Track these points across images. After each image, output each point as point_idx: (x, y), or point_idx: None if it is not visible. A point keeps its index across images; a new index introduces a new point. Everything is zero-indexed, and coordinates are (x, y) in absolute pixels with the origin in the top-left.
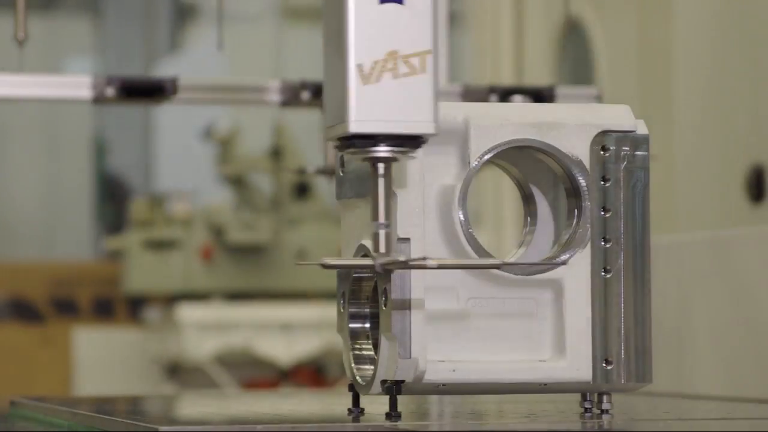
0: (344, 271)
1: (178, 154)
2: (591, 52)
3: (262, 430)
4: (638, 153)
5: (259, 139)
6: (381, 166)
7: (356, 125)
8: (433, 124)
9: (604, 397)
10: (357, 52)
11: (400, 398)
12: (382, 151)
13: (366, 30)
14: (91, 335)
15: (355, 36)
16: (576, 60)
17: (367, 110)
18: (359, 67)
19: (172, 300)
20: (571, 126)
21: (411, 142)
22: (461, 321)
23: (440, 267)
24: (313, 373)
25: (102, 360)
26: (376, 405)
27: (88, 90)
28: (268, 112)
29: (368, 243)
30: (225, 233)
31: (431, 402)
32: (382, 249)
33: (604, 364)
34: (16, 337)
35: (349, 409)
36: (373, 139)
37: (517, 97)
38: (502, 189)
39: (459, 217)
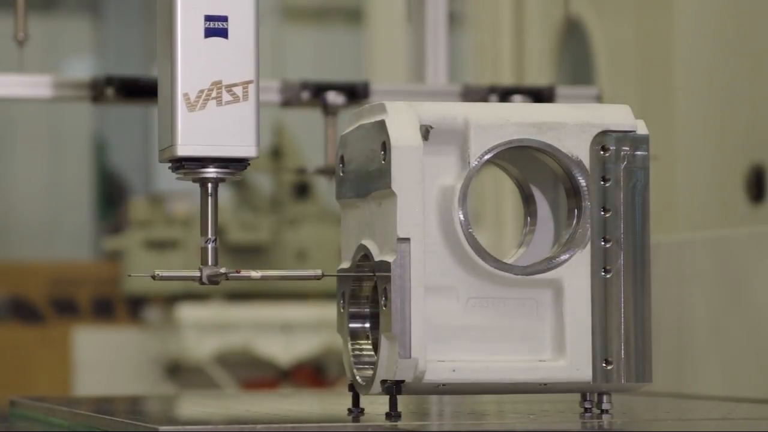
0: (344, 272)
1: None
2: (591, 52)
3: (262, 430)
4: (638, 153)
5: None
6: (209, 186)
7: (183, 149)
8: (254, 147)
9: (604, 397)
10: (183, 82)
11: (400, 398)
12: (210, 172)
13: (192, 61)
14: (91, 335)
15: (181, 67)
16: (576, 60)
17: (193, 135)
18: (185, 95)
19: (172, 300)
20: (571, 126)
21: (236, 164)
22: (461, 321)
23: (263, 278)
24: (313, 373)
25: (102, 360)
26: (376, 405)
27: (88, 90)
28: (268, 112)
29: (368, 243)
30: (225, 233)
31: (431, 402)
32: (210, 262)
33: (604, 364)
34: (16, 337)
35: (349, 409)
36: (202, 162)
37: (517, 97)
38: (502, 189)
39: (459, 217)
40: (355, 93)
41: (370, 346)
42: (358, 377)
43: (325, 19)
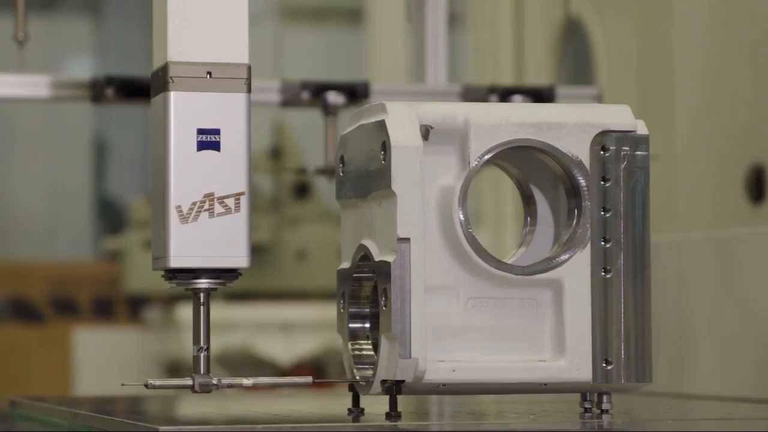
0: (344, 271)
1: None
2: (591, 52)
3: (262, 430)
4: (638, 153)
5: (259, 139)
6: (202, 296)
7: (175, 260)
8: (246, 258)
9: (604, 397)
10: (176, 195)
11: (400, 398)
12: (202, 283)
13: (184, 174)
14: (91, 335)
15: (174, 179)
16: (576, 60)
17: (185, 247)
18: (178, 207)
19: (172, 300)
20: (571, 126)
21: (227, 274)
22: (461, 321)
23: (255, 386)
24: (313, 373)
25: (102, 360)
26: (376, 405)
27: (88, 90)
28: (268, 112)
29: (368, 243)
30: None
31: (431, 402)
32: (202, 370)
33: (604, 364)
34: (16, 337)
35: (349, 409)
36: (194, 273)
37: (517, 97)
38: (502, 189)
39: (459, 217)
40: (355, 93)
41: (370, 346)
42: (358, 377)
43: (325, 19)
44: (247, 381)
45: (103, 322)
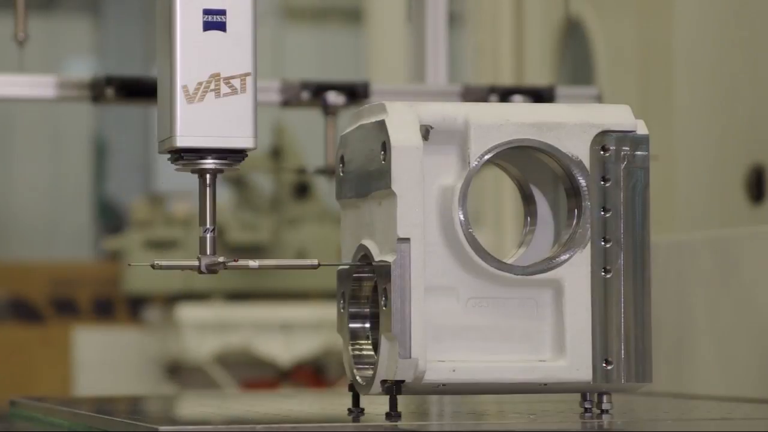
0: (344, 271)
1: None
2: (591, 52)
3: (262, 430)
4: (638, 153)
5: (259, 139)
6: (208, 177)
7: (182, 140)
8: (252, 138)
9: (604, 397)
10: (182, 75)
11: (400, 398)
12: (208, 163)
13: (191, 54)
14: (91, 335)
15: (180, 60)
16: (576, 60)
17: (192, 127)
18: (184, 87)
19: (172, 300)
20: (571, 126)
21: (234, 155)
22: (461, 321)
23: (261, 267)
24: (313, 373)
25: (102, 360)
26: (376, 405)
27: (88, 90)
28: (268, 112)
29: (368, 243)
30: (225, 233)
31: (431, 402)
32: (208, 251)
33: (604, 364)
34: (16, 337)
35: (349, 409)
36: (200, 153)
37: (517, 97)
38: (502, 189)
39: (459, 217)
40: (355, 93)
41: (370, 346)
42: (358, 377)
43: (325, 19)
44: (253, 263)
45: (103, 322)
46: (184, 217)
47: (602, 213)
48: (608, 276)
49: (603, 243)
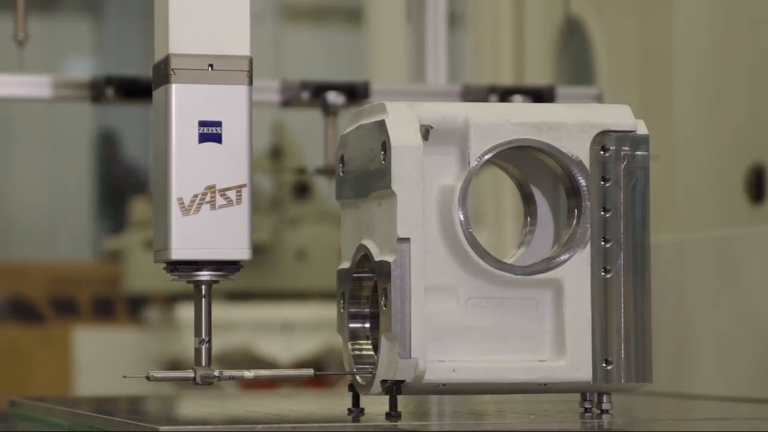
0: (344, 271)
1: None
2: (591, 52)
3: (262, 430)
4: (638, 153)
5: (259, 139)
6: (203, 288)
7: (177, 252)
8: (247, 250)
9: (604, 397)
10: (177, 186)
11: (400, 398)
12: (204, 275)
13: (186, 166)
14: (91, 335)
15: (175, 172)
16: (576, 60)
17: (187, 239)
18: (180, 200)
19: (172, 300)
20: (571, 126)
21: (229, 266)
22: (461, 321)
23: (256, 378)
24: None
25: (102, 360)
26: (376, 405)
27: (88, 90)
28: (268, 112)
29: (368, 243)
30: None
31: (431, 402)
32: (204, 363)
33: (604, 364)
34: (16, 337)
35: (349, 409)
36: (196, 265)
37: (517, 97)
38: (502, 189)
39: (459, 217)
40: (355, 93)
41: (370, 346)
42: (358, 377)
43: (325, 19)
44: (248, 373)
45: (103, 322)
46: None
47: (602, 213)
48: (608, 276)
49: (603, 243)
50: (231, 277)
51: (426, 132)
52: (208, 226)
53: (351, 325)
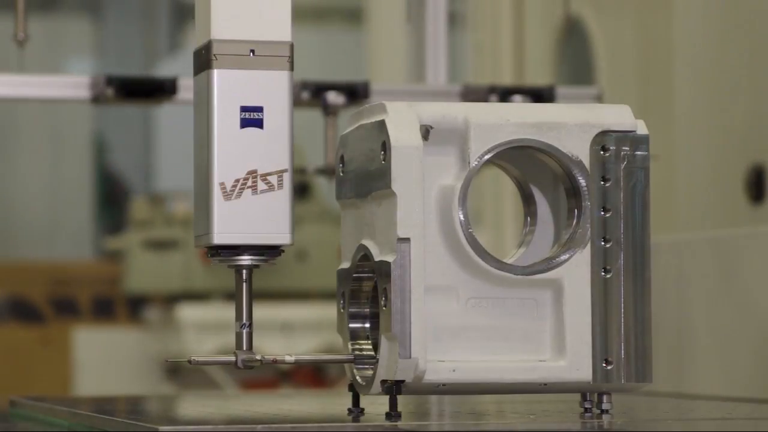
0: (344, 271)
1: (178, 154)
2: (591, 52)
3: (262, 430)
4: (638, 153)
5: None
6: (244, 272)
7: (219, 237)
8: (288, 235)
9: (604, 397)
10: (219, 172)
11: (400, 398)
12: (245, 259)
13: (228, 151)
14: (91, 335)
15: (217, 157)
16: (576, 60)
17: (229, 224)
18: (221, 185)
19: (172, 300)
20: (571, 126)
21: (270, 251)
22: (461, 321)
23: (297, 363)
24: (313, 373)
25: (102, 360)
26: (376, 405)
27: (88, 90)
28: None
29: (368, 243)
30: None
31: (431, 402)
32: (245, 347)
33: (604, 364)
34: (16, 337)
35: (349, 409)
36: (237, 249)
37: (517, 97)
38: (502, 189)
39: (459, 217)
40: (355, 93)
41: (370, 346)
42: (358, 377)
43: (325, 19)
44: (289, 357)
45: (103, 322)
46: (184, 217)
47: (602, 213)
48: (608, 276)
49: (603, 243)
50: (272, 262)
51: (426, 132)
52: (249, 211)
53: (351, 325)
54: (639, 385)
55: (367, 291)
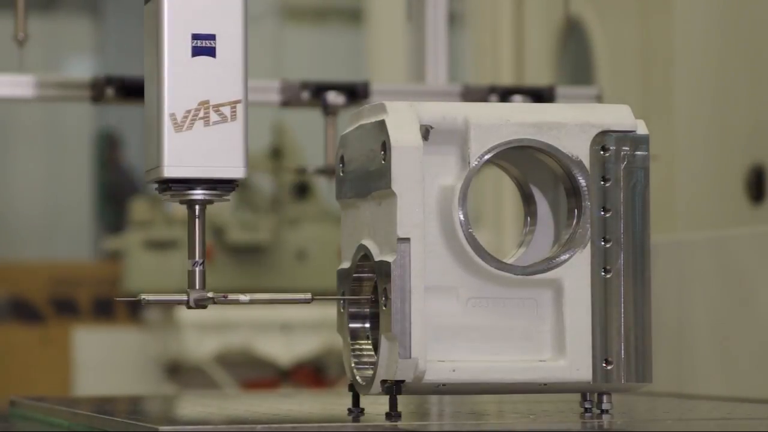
0: (344, 271)
1: None
2: (591, 52)
3: (262, 430)
4: (638, 153)
5: (259, 139)
6: (197, 208)
7: (169, 170)
8: (242, 168)
9: (604, 397)
10: (170, 103)
11: (400, 398)
12: (197, 194)
13: (179, 81)
14: (91, 335)
15: (168, 87)
16: (576, 60)
17: (180, 156)
18: (172, 115)
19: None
20: (571, 126)
21: (224, 185)
22: (461, 321)
23: (252, 302)
24: (312, 373)
25: (102, 360)
26: (376, 405)
27: (88, 90)
28: (268, 112)
29: (368, 243)
30: (225, 233)
31: (431, 402)
32: (197, 286)
33: (604, 364)
34: (16, 337)
35: (349, 409)
36: (188, 183)
37: (517, 97)
38: (502, 189)
39: (459, 217)
40: (355, 93)
41: (370, 346)
42: (358, 377)
43: (325, 19)
44: (243, 297)
45: (103, 322)
46: (184, 217)
47: (602, 213)
48: (608, 276)
49: (603, 243)
50: (225, 198)
51: (426, 132)
52: (201, 143)
53: (351, 325)
54: (639, 385)
55: (367, 291)
